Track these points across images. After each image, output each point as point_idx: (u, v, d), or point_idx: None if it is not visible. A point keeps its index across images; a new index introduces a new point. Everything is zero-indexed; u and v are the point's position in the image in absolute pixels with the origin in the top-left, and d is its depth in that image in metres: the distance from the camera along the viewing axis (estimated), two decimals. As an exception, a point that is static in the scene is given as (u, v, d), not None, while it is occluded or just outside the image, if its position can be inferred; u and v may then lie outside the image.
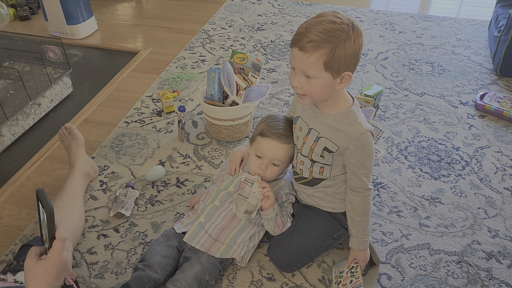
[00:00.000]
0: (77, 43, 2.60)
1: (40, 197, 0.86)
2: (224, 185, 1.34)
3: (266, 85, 1.71)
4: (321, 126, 1.16)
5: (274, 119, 1.27)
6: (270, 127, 1.25)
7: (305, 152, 1.21)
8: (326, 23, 0.99)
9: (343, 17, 1.02)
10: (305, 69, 1.03)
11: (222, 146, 1.81)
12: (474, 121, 1.94)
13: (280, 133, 1.24)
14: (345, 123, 1.12)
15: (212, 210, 1.31)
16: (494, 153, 1.77)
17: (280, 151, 1.24)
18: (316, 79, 1.04)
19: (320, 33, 0.98)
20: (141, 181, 1.65)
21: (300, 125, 1.23)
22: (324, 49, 0.99)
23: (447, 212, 1.52)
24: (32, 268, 0.84)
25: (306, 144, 1.20)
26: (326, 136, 1.15)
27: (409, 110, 2.01)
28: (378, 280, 1.31)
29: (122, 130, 1.91)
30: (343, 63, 1.01)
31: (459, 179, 1.65)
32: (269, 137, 1.24)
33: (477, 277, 1.31)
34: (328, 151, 1.16)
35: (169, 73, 2.30)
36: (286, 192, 1.34)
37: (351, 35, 1.00)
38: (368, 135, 1.12)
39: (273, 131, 1.24)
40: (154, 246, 1.28)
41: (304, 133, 1.21)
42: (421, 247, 1.40)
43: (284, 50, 2.48)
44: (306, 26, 1.01)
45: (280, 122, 1.26)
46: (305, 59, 1.01)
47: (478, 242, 1.42)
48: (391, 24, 2.75)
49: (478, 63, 2.35)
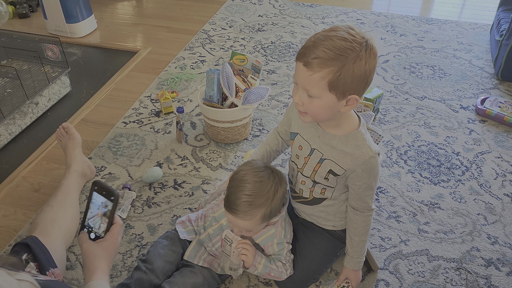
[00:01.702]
0: (76, 41, 2.59)
1: (102, 186, 0.97)
2: (218, 214, 1.26)
3: (265, 87, 1.70)
4: (325, 148, 1.08)
5: (235, 189, 1.09)
6: (229, 200, 1.10)
7: (307, 173, 1.15)
8: (336, 39, 0.91)
9: (357, 35, 0.92)
10: (307, 86, 0.95)
11: (220, 148, 1.80)
12: (475, 126, 1.92)
13: (240, 210, 1.07)
14: (352, 145, 1.05)
15: (209, 236, 1.26)
16: (494, 158, 1.75)
17: (244, 225, 1.11)
18: (318, 99, 0.95)
19: (328, 50, 0.90)
20: (138, 183, 1.64)
21: (299, 143, 1.14)
22: (330, 68, 0.90)
23: (446, 218, 1.51)
24: (93, 248, 0.94)
25: (308, 165, 1.13)
26: (331, 159, 1.08)
27: (409, 114, 2.00)
28: (376, 287, 1.30)
29: (120, 130, 1.90)
30: (349, 85, 0.92)
31: (459, 185, 1.63)
32: (229, 213, 1.11)
33: (475, 285, 1.30)
34: (333, 174, 1.09)
35: (168, 73, 2.29)
36: (278, 242, 1.19)
37: (362, 56, 0.91)
38: (376, 158, 1.05)
39: (233, 207, 1.09)
40: (158, 249, 1.25)
41: (305, 153, 1.13)
42: (420, 253, 1.39)
43: (284, 52, 2.47)
44: (315, 40, 0.93)
45: (243, 192, 1.07)
46: (308, 76, 0.93)
47: (477, 249, 1.41)
48: (392, 26, 2.74)
49: (479, 67, 2.33)
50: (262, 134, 1.87)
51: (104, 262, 0.94)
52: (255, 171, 1.10)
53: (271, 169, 1.13)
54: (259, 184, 1.08)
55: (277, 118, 1.96)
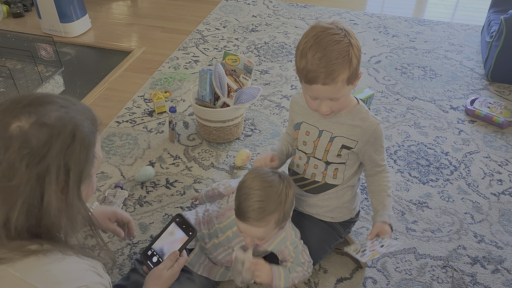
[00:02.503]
0: (70, 41, 2.60)
1: (184, 220, 1.14)
2: (224, 225, 1.23)
3: (257, 87, 1.72)
4: (333, 126, 1.16)
5: (246, 196, 1.06)
6: (241, 209, 1.07)
7: (319, 155, 1.20)
8: (331, 48, 0.99)
9: (337, 30, 1.01)
10: (334, 96, 1.05)
11: (212, 148, 1.81)
12: (464, 126, 1.95)
13: (253, 218, 1.05)
14: (358, 118, 1.14)
15: (214, 246, 1.25)
16: (482, 158, 1.78)
17: (259, 233, 1.08)
18: (342, 96, 1.06)
19: (335, 60, 0.99)
20: (130, 182, 1.65)
21: (306, 130, 1.21)
22: (343, 71, 1.01)
23: (434, 217, 1.53)
24: (163, 275, 1.04)
25: (318, 147, 1.19)
26: (341, 135, 1.15)
27: (400, 114, 2.02)
28: (363, 284, 1.32)
29: (113, 129, 1.91)
30: (358, 68, 1.04)
31: (447, 184, 1.66)
32: (242, 222, 1.08)
33: (461, 282, 1.33)
34: (347, 149, 1.17)
35: (162, 73, 2.30)
36: (291, 243, 1.18)
37: (353, 42, 1.02)
38: (380, 125, 1.16)
39: (245, 215, 1.06)
40: None
41: (314, 137, 1.20)
42: (407, 252, 1.41)
43: (277, 52, 2.49)
44: (315, 61, 0.99)
45: (254, 199, 1.05)
46: (331, 89, 1.02)
47: (463, 247, 1.43)
48: (384, 27, 2.76)
49: (470, 68, 2.36)
50: (254, 134, 1.89)
51: (161, 285, 1.03)
52: (263, 177, 1.07)
53: (278, 173, 1.11)
54: (269, 189, 1.06)
55: (269, 118, 1.98)
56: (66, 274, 0.76)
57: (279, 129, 1.92)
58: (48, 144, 0.71)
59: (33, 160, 0.70)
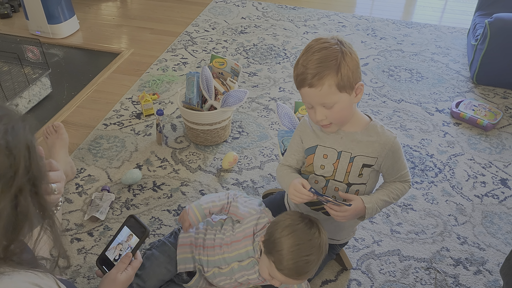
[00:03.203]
0: (58, 42, 2.58)
1: (136, 220, 1.13)
2: (230, 256, 1.20)
3: (244, 90, 1.72)
4: (351, 145, 1.13)
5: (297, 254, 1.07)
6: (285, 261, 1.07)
7: (340, 177, 1.16)
8: (318, 53, 1.02)
9: (329, 40, 1.04)
10: (323, 101, 1.04)
11: (200, 150, 1.82)
12: (449, 128, 1.98)
13: (307, 271, 1.08)
14: (374, 133, 1.12)
15: (215, 274, 1.23)
16: (467, 160, 1.81)
17: (291, 282, 1.13)
18: (337, 104, 1.05)
19: (320, 64, 1.01)
20: (117, 185, 1.65)
21: (323, 153, 1.16)
22: (330, 75, 1.01)
23: (418, 219, 1.55)
24: (117, 279, 1.04)
25: (339, 169, 1.15)
26: (361, 153, 1.12)
27: (386, 116, 2.04)
28: (348, 286, 1.33)
29: (101, 132, 1.91)
30: (352, 78, 1.03)
31: (432, 186, 1.68)
32: (281, 272, 1.09)
33: (444, 284, 1.35)
34: (368, 167, 1.13)
35: (150, 75, 2.30)
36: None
37: (345, 51, 1.03)
38: (397, 139, 1.14)
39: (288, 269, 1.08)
40: (154, 267, 1.22)
41: (333, 159, 1.15)
42: (392, 253, 1.43)
43: (266, 54, 2.50)
44: (303, 64, 1.03)
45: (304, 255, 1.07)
46: (318, 92, 1.03)
47: (447, 249, 1.45)
48: (373, 30, 2.79)
49: (456, 70, 2.39)
50: (241, 136, 1.90)
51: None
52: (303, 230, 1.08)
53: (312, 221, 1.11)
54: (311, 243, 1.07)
55: (257, 121, 1.99)
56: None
57: (267, 132, 1.93)
58: (13, 165, 0.70)
59: (6, 185, 0.69)
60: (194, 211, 1.22)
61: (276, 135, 1.91)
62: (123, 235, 1.12)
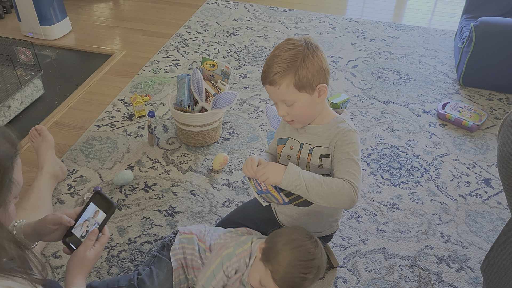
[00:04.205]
0: (51, 44, 2.60)
1: (102, 196, 1.06)
2: None
3: (234, 93, 1.76)
4: (312, 138, 1.19)
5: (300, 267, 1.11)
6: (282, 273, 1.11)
7: (302, 167, 1.18)
8: (282, 53, 1.09)
9: (296, 41, 1.11)
10: (282, 98, 1.12)
11: (191, 151, 1.85)
12: (435, 129, 2.02)
13: (290, 285, 1.12)
14: (334, 127, 1.16)
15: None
16: (452, 161, 1.85)
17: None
18: (296, 102, 1.12)
19: (281, 64, 1.09)
20: (109, 185, 1.68)
21: (291, 144, 1.24)
22: (289, 75, 1.08)
23: (403, 218, 1.59)
24: (85, 256, 0.98)
25: (301, 159, 1.21)
26: (318, 145, 1.18)
27: (374, 118, 2.08)
28: (334, 284, 1.37)
29: (93, 133, 1.93)
30: (311, 79, 1.09)
31: (417, 186, 1.72)
32: (275, 282, 1.12)
33: (427, 281, 1.39)
34: (325, 157, 1.17)
35: (142, 76, 2.33)
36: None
37: (307, 53, 1.09)
38: (354, 133, 1.13)
39: (283, 281, 1.11)
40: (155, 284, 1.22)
41: (296, 150, 1.22)
42: (377, 252, 1.47)
43: (257, 56, 2.53)
44: (268, 63, 1.11)
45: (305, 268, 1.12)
46: (277, 90, 1.11)
47: (431, 247, 1.49)
48: (362, 32, 2.83)
49: (443, 72, 2.44)
50: (232, 138, 1.93)
51: (86, 269, 0.98)
52: (308, 246, 1.13)
53: (312, 237, 1.16)
54: (310, 255, 1.12)
55: (247, 122, 2.02)
56: None
57: (257, 133, 1.96)
58: None
59: None
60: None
61: (266, 136, 1.94)
62: (89, 212, 1.07)
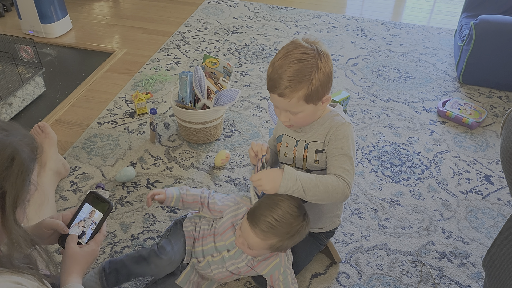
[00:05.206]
0: (51, 42, 2.60)
1: (97, 196, 1.07)
2: (221, 245, 1.25)
3: (236, 90, 1.76)
4: (307, 135, 1.20)
5: (266, 207, 1.11)
6: (255, 215, 1.11)
7: (299, 164, 1.23)
8: (294, 64, 1.04)
9: (308, 49, 1.06)
10: (288, 109, 1.10)
11: (192, 148, 1.85)
12: (436, 127, 2.03)
13: (259, 227, 1.09)
14: (328, 121, 1.17)
15: (209, 263, 1.26)
16: (452, 158, 1.86)
17: (254, 241, 1.12)
18: (301, 112, 1.11)
19: (293, 77, 1.04)
20: (111, 182, 1.68)
21: (286, 141, 1.25)
22: (301, 89, 1.06)
23: (405, 214, 1.60)
24: (77, 252, 0.98)
25: (297, 156, 1.22)
26: (313, 140, 1.18)
27: (375, 115, 2.09)
28: (337, 279, 1.38)
29: (94, 131, 1.93)
30: (320, 92, 1.08)
31: (418, 183, 1.73)
32: (250, 225, 1.12)
33: (429, 276, 1.40)
34: (320, 152, 1.18)
35: (143, 74, 2.33)
36: (283, 271, 1.22)
37: (320, 65, 1.06)
38: (348, 126, 1.13)
39: (254, 221, 1.10)
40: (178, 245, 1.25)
41: (291, 147, 1.23)
42: (379, 247, 1.48)
43: (257, 54, 2.54)
44: (277, 71, 1.06)
45: (272, 214, 1.09)
46: (286, 102, 1.08)
47: (432, 242, 1.50)
48: (362, 30, 2.84)
49: (443, 70, 2.45)
50: (233, 135, 1.93)
51: (81, 267, 0.97)
52: (292, 204, 1.10)
53: (305, 212, 1.14)
54: (289, 216, 1.09)
55: (248, 119, 2.03)
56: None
57: (258, 130, 1.97)
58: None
59: None
60: (172, 191, 1.30)
61: (268, 133, 1.95)
62: (85, 212, 1.07)
